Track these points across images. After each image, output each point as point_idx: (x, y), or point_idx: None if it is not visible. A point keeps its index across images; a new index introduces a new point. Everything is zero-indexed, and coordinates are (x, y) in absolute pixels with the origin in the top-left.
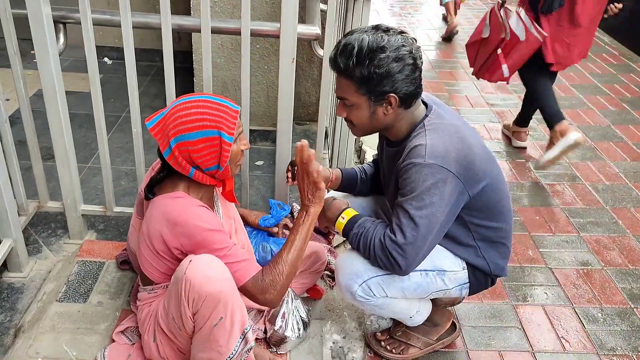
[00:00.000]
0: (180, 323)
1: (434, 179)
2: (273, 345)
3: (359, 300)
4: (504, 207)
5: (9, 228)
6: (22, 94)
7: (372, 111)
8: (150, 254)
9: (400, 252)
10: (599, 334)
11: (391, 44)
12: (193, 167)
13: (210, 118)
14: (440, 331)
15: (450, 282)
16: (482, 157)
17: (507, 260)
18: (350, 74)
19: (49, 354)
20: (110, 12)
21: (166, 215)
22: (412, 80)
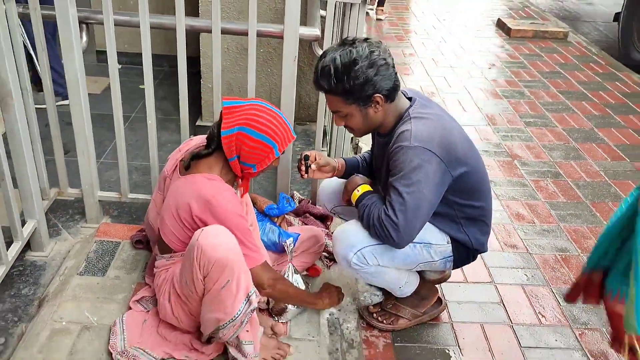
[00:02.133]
0: (192, 286)
1: (419, 159)
2: (275, 315)
3: (354, 268)
4: (484, 188)
5: (33, 209)
6: (48, 87)
7: (364, 114)
8: (174, 223)
9: (393, 225)
10: (573, 310)
11: (360, 54)
12: (237, 155)
13: (276, 131)
14: (427, 305)
15: (435, 255)
16: (462, 142)
17: (487, 236)
18: (334, 91)
19: (72, 319)
20: (128, 14)
21: (199, 192)
22: (388, 77)
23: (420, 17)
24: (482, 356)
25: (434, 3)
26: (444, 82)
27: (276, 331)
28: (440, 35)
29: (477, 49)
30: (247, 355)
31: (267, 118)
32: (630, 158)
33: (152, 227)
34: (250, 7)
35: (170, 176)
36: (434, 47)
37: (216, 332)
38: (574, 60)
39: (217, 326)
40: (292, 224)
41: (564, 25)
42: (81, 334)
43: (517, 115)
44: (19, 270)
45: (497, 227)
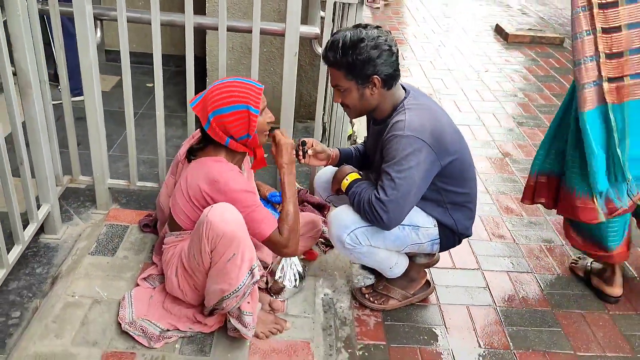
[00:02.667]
0: (199, 259)
1: (411, 147)
2: (274, 294)
3: (347, 248)
4: (469, 176)
5: (47, 194)
6: (64, 78)
7: (360, 93)
8: (185, 203)
9: (383, 207)
10: (555, 295)
11: (369, 35)
12: (228, 137)
13: (240, 95)
14: (416, 286)
15: (423, 237)
16: (452, 133)
17: (472, 221)
18: (338, 64)
19: (84, 294)
20: (140, 11)
21: (208, 173)
22: (390, 63)
23: (421, 22)
24: (466, 335)
25: (435, 9)
26: (441, 83)
27: (274, 307)
28: (440, 39)
29: (474, 52)
30: (247, 325)
31: (224, 90)
32: None
33: (162, 209)
34: (254, 5)
35: (182, 161)
36: (433, 50)
37: (220, 303)
38: (568, 64)
39: (221, 297)
40: None
41: (562, 31)
42: (92, 307)
43: (510, 116)
44: (33, 251)
45: (487, 219)
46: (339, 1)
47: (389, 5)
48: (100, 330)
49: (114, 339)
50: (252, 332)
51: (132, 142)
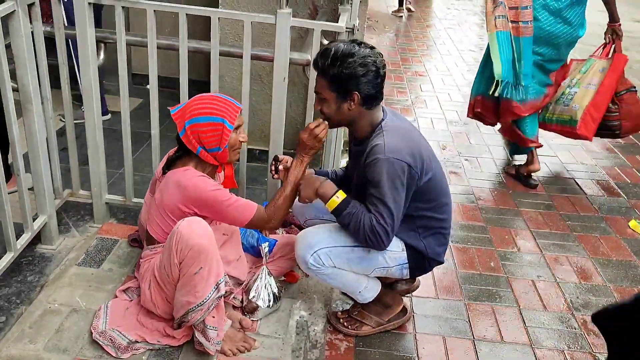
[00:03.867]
0: (169, 270)
1: (394, 170)
2: (247, 313)
3: (311, 269)
4: (445, 201)
5: (44, 205)
6: (67, 96)
7: (338, 106)
8: (159, 215)
9: (385, 233)
10: (537, 331)
11: (359, 52)
12: (200, 146)
13: (218, 108)
14: (391, 313)
15: (390, 261)
16: (427, 153)
17: (444, 247)
18: (325, 72)
19: (64, 302)
20: (140, 35)
21: (177, 182)
22: (374, 84)
23: (445, 55)
24: None
25: (461, 42)
26: (456, 115)
27: (243, 325)
28: (461, 72)
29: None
30: (210, 339)
31: (205, 102)
32: (628, 196)
33: (142, 226)
34: (245, 33)
35: (160, 178)
36: (452, 83)
37: (186, 316)
38: None
39: (187, 309)
40: (276, 232)
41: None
42: (69, 315)
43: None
44: (28, 260)
45: (479, 251)
46: (327, 30)
47: (412, 16)
48: (73, 338)
49: (85, 347)
50: (215, 347)
51: (128, 159)
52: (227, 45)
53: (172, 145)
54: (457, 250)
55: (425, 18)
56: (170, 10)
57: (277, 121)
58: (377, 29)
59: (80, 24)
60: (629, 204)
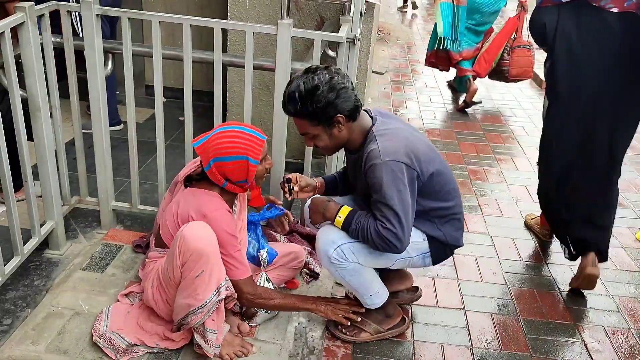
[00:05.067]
0: (171, 272)
1: (393, 172)
2: (246, 319)
3: (334, 264)
4: (452, 187)
5: (52, 211)
6: (76, 107)
7: (329, 134)
8: (173, 225)
9: (394, 236)
10: (538, 340)
11: (321, 80)
12: (226, 180)
13: (241, 146)
14: (391, 323)
15: (412, 251)
16: (425, 149)
17: (461, 232)
18: (300, 114)
19: (67, 306)
20: (145, 45)
21: (199, 206)
22: (348, 99)
23: None
24: None
25: None
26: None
27: (241, 330)
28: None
29: (505, 98)
30: (209, 342)
31: (228, 141)
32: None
33: (157, 222)
34: (247, 43)
35: (181, 182)
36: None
37: (186, 318)
38: None
39: (187, 312)
40: (277, 240)
41: None
42: (72, 318)
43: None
44: (36, 265)
45: (482, 259)
46: (327, 39)
47: (416, 12)
48: (74, 340)
49: (85, 350)
50: (214, 350)
51: (134, 167)
52: (230, 55)
53: (181, 155)
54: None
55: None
56: (174, 21)
57: (279, 131)
58: (388, 41)
59: (88, 35)
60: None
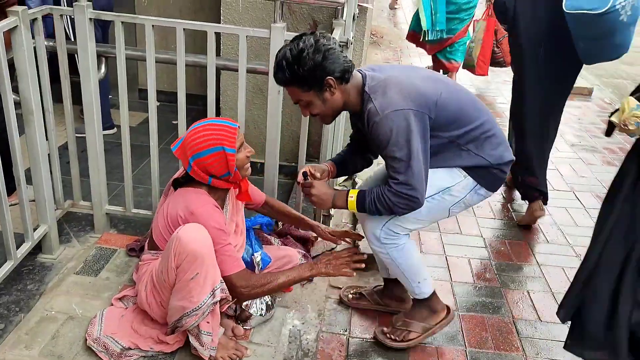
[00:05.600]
0: (165, 275)
1: (393, 124)
2: (240, 321)
3: (385, 244)
4: (471, 108)
5: (45, 215)
6: (69, 111)
7: (322, 99)
8: (164, 226)
9: (407, 187)
10: (531, 341)
11: (306, 44)
12: (210, 176)
13: (214, 137)
14: (438, 318)
15: (459, 193)
16: (422, 82)
17: (504, 146)
18: (290, 81)
19: (61, 310)
20: (138, 49)
21: (187, 203)
22: (336, 60)
23: None
24: None
25: None
26: None
27: (235, 333)
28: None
29: (497, 101)
30: (204, 344)
31: (201, 135)
32: None
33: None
34: (240, 47)
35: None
36: None
37: (180, 320)
38: (593, 114)
39: (182, 314)
40: (271, 243)
41: (593, 82)
42: (65, 322)
43: None
44: (29, 269)
45: (475, 261)
46: None
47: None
48: (68, 344)
49: (79, 354)
50: (210, 352)
51: (128, 171)
52: (223, 58)
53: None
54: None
55: None
56: (168, 25)
57: (272, 134)
58: (381, 45)
59: (81, 39)
60: None
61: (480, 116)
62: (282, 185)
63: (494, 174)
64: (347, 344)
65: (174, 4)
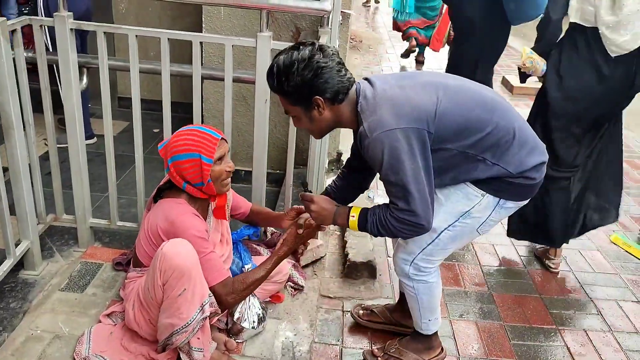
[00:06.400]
0: (152, 292)
1: (384, 146)
2: (232, 335)
3: (414, 279)
4: (480, 110)
5: (27, 231)
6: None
7: (309, 116)
8: (146, 241)
9: (409, 213)
10: (522, 346)
11: (299, 57)
12: (185, 181)
13: (193, 143)
14: (432, 354)
15: (481, 214)
16: (418, 92)
17: (526, 150)
18: (278, 91)
19: (46, 329)
20: (121, 59)
21: (166, 213)
22: (329, 80)
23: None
24: None
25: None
26: None
27: (228, 347)
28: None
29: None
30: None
31: (182, 139)
32: None
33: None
34: (226, 56)
35: (152, 198)
36: None
37: (170, 338)
38: None
39: (171, 331)
40: (261, 254)
41: None
42: (52, 342)
43: None
44: (11, 286)
45: (463, 266)
46: None
47: (378, 8)
48: None
49: None
50: None
51: (112, 183)
52: (208, 68)
53: (158, 168)
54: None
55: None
56: (152, 35)
57: (260, 142)
58: (361, 49)
59: (62, 50)
60: None
61: (493, 118)
62: (267, 193)
63: (519, 184)
64: (341, 354)
65: (153, 11)
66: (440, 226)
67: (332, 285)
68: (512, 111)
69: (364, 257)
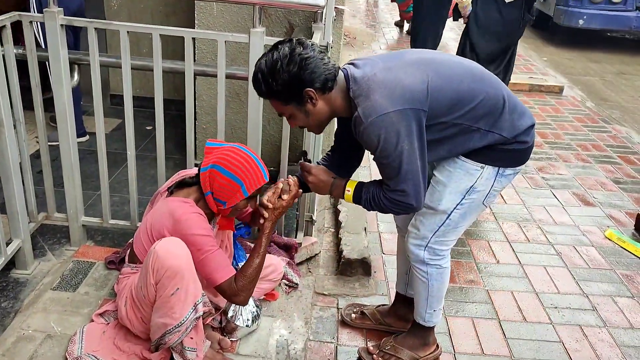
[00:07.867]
0: (145, 291)
1: (380, 130)
2: (227, 333)
3: (429, 264)
4: (469, 81)
5: (19, 230)
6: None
7: (304, 112)
8: (146, 236)
9: (400, 194)
10: (518, 342)
11: (280, 56)
12: (210, 191)
13: (245, 172)
14: (427, 350)
15: (484, 186)
16: (407, 71)
17: (517, 114)
18: (268, 95)
19: (38, 328)
20: (112, 56)
21: (172, 212)
22: (315, 69)
23: None
24: None
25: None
26: None
27: (222, 345)
28: None
29: None
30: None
31: (238, 159)
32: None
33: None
34: (219, 53)
35: (162, 194)
36: None
37: (163, 338)
38: (565, 112)
39: (164, 331)
40: None
41: (562, 80)
42: (44, 341)
43: None
44: (2, 286)
45: (458, 264)
46: None
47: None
48: None
49: None
50: None
51: (104, 181)
52: (201, 64)
53: (151, 166)
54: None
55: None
56: (143, 31)
57: (253, 139)
58: (354, 46)
59: (53, 46)
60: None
61: (483, 87)
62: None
63: (514, 150)
64: (336, 352)
65: (145, 7)
66: (449, 207)
67: (326, 282)
68: (497, 80)
69: (358, 254)
